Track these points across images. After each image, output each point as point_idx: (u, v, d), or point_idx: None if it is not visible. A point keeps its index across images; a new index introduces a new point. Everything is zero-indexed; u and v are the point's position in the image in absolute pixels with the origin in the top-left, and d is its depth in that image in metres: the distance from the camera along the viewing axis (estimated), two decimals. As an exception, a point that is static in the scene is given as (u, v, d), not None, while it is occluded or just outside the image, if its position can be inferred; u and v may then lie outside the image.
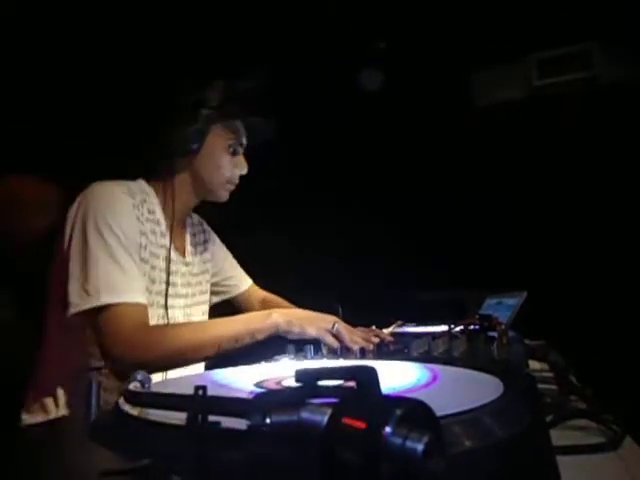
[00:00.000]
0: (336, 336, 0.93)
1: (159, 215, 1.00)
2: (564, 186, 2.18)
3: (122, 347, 0.82)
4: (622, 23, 2.06)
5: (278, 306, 1.18)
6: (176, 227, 1.04)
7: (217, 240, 1.24)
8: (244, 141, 1.06)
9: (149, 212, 0.98)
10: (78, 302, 0.83)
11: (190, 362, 0.89)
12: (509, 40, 2.21)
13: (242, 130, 1.05)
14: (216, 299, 1.24)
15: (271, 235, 2.30)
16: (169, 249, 1.00)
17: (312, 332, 0.92)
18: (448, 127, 2.34)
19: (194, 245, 1.13)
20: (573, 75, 2.23)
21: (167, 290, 0.98)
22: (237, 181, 1.06)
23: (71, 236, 0.88)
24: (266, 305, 1.22)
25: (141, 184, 1.01)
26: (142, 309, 0.87)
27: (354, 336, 0.94)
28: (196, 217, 1.20)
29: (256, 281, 1.32)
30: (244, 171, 1.06)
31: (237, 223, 1.88)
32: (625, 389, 1.12)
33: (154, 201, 1.00)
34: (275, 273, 1.33)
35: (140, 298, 0.87)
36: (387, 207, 2.38)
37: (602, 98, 2.15)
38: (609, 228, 2.04)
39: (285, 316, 0.93)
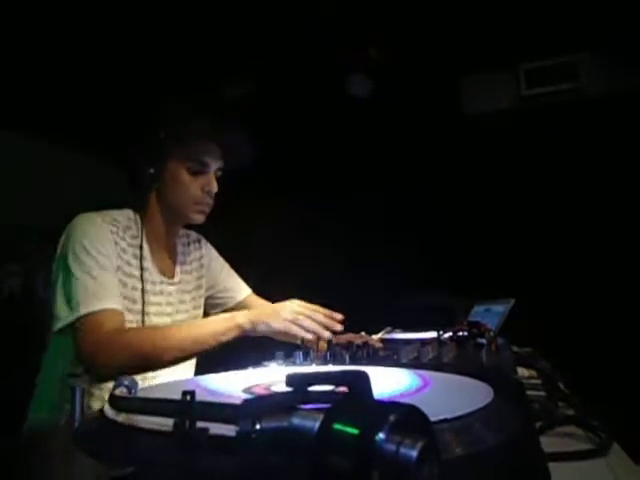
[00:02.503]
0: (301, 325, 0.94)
1: (142, 240, 1.05)
2: (552, 195, 2.21)
3: (94, 350, 0.87)
4: (609, 35, 2.11)
5: None
6: (161, 250, 1.10)
7: (213, 253, 1.27)
8: (209, 161, 1.06)
9: (132, 237, 1.04)
10: (62, 316, 0.90)
11: (158, 364, 0.91)
12: (498, 50, 2.25)
13: (206, 150, 1.05)
14: (214, 311, 1.25)
15: (266, 244, 2.30)
16: (141, 270, 1.03)
17: (277, 326, 0.93)
18: (438, 136, 2.36)
19: (186, 263, 1.17)
20: (560, 86, 2.27)
21: (143, 309, 1.01)
22: (208, 201, 1.08)
23: (58, 263, 0.96)
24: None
25: (128, 213, 1.07)
26: (117, 314, 0.93)
27: (313, 321, 0.94)
28: (194, 235, 1.23)
29: (251, 288, 1.32)
30: (213, 190, 1.07)
31: (234, 232, 1.88)
32: (612, 395, 1.13)
33: (138, 227, 1.06)
34: (267, 281, 1.33)
35: (115, 304, 0.93)
36: (377, 215, 2.39)
37: (588, 109, 2.19)
38: (597, 236, 2.07)
39: (248, 316, 0.94)
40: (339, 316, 1.00)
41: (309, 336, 0.93)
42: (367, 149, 2.41)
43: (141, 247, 1.03)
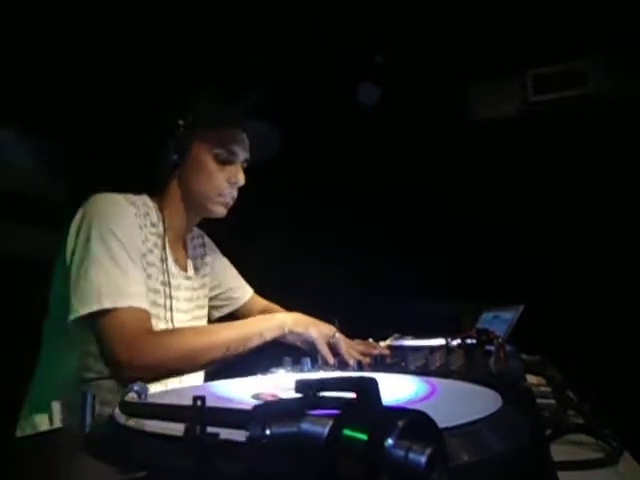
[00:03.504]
0: (332, 347, 0.93)
1: (161, 229, 0.98)
2: (560, 201, 2.20)
3: (127, 351, 0.79)
4: (615, 40, 2.10)
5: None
6: (177, 242, 1.03)
7: (217, 252, 1.22)
8: (238, 151, 1.00)
9: (152, 225, 0.96)
10: (80, 307, 0.81)
11: (197, 366, 0.87)
12: (505, 56, 2.25)
13: (235, 139, 1.00)
14: (218, 314, 1.22)
15: (270, 248, 2.30)
16: (165, 260, 0.98)
17: (314, 334, 0.93)
18: (444, 142, 2.36)
19: (194, 259, 1.11)
20: (568, 92, 2.26)
21: (172, 304, 0.96)
22: (233, 194, 1.01)
23: (75, 245, 0.86)
24: (267, 313, 1.21)
25: (144, 198, 0.99)
26: (145, 314, 0.84)
27: (351, 349, 0.94)
28: (197, 230, 1.16)
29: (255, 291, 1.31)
30: (240, 183, 1.00)
31: (238, 233, 1.89)
32: (623, 403, 1.12)
33: (156, 215, 0.98)
34: (273, 287, 1.32)
35: (143, 303, 0.84)
36: (385, 220, 2.39)
37: (597, 114, 2.18)
38: (606, 242, 2.05)
39: (288, 318, 0.94)
40: (385, 351, 1.00)
41: (331, 361, 0.91)
42: (374, 154, 2.42)
43: (164, 236, 0.95)
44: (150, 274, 0.93)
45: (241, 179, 1.01)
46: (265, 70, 2.21)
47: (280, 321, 0.93)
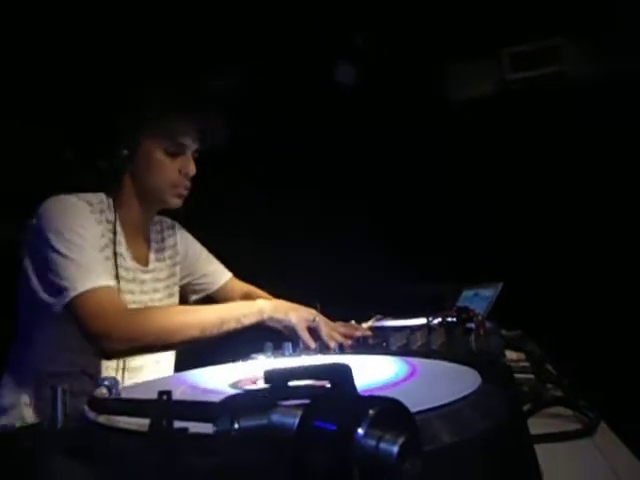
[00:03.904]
0: (313, 331, 0.93)
1: (116, 225, 1.00)
2: (537, 179, 2.22)
3: (105, 324, 0.83)
4: (592, 18, 2.10)
5: (261, 298, 1.18)
6: (135, 237, 1.05)
7: (189, 239, 1.23)
8: (186, 142, 1.02)
9: (107, 222, 0.99)
10: (57, 300, 0.85)
11: (173, 343, 0.89)
12: (482, 35, 2.23)
13: (183, 130, 1.01)
14: (195, 297, 1.23)
15: (251, 227, 2.28)
16: (117, 256, 0.99)
17: (293, 320, 0.93)
18: (422, 122, 2.35)
19: (159, 251, 1.13)
20: (544, 69, 2.26)
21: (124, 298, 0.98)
22: (186, 184, 1.04)
23: (36, 248, 0.90)
24: (248, 297, 1.20)
25: (101, 196, 1.02)
26: (116, 292, 0.90)
27: (333, 332, 0.94)
28: (168, 221, 1.19)
29: (236, 276, 1.30)
30: (191, 173, 1.03)
31: (218, 219, 1.86)
32: (600, 376, 1.15)
33: (111, 211, 1.01)
34: (254, 267, 1.31)
35: (111, 282, 0.89)
36: (365, 202, 2.38)
37: (572, 92, 2.19)
38: (583, 219, 2.08)
39: (269, 304, 0.95)
40: (367, 332, 1.01)
41: (313, 345, 0.92)
42: (354, 135, 2.39)
43: (114, 232, 0.98)
44: (106, 268, 0.95)
45: (192, 169, 1.03)
46: (239, 54, 2.16)
47: (259, 307, 0.93)
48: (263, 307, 0.93)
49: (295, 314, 0.94)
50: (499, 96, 2.38)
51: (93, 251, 0.90)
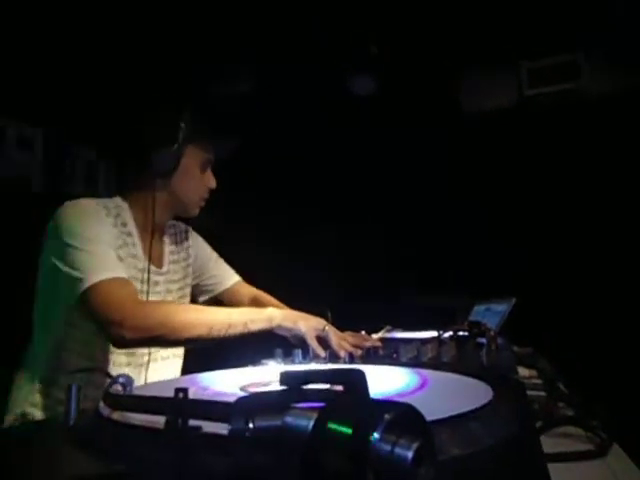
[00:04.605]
0: (323, 340, 0.93)
1: (131, 227, 1.03)
2: (553, 193, 2.20)
3: (120, 312, 0.84)
4: (610, 35, 2.10)
5: (269, 303, 1.20)
6: (150, 238, 1.07)
7: (200, 243, 1.26)
8: (212, 157, 1.09)
9: (121, 225, 1.01)
10: (72, 292, 0.86)
11: (181, 339, 0.89)
12: (501, 48, 2.24)
13: (211, 147, 1.08)
14: (203, 298, 1.25)
15: (262, 239, 2.29)
16: (149, 258, 1.03)
17: (303, 329, 0.93)
18: (438, 133, 2.35)
19: (174, 253, 1.16)
20: (563, 85, 2.25)
21: (148, 290, 1.00)
22: (207, 196, 1.10)
23: (53, 248, 0.92)
24: (256, 302, 1.23)
25: (116, 200, 1.05)
26: (131, 284, 0.91)
27: (342, 341, 0.94)
28: (181, 225, 1.22)
29: (246, 282, 1.31)
30: (213, 186, 1.10)
31: (226, 230, 1.88)
32: (613, 396, 1.13)
33: (127, 215, 1.04)
34: (266, 276, 1.32)
35: (125, 274, 0.91)
36: (377, 214, 2.38)
37: (590, 108, 2.17)
38: (597, 236, 2.06)
39: (279, 312, 0.96)
40: (377, 343, 1.01)
41: (322, 354, 0.92)
42: (367, 146, 2.40)
43: (129, 234, 1.02)
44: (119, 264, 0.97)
45: (214, 183, 1.10)
46: (259, 65, 2.19)
47: (268, 315, 0.94)
48: (273, 315, 0.94)
49: (304, 323, 0.94)
50: (517, 110, 2.37)
51: (108, 247, 0.92)
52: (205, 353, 0.94)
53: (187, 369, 1.12)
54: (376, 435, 0.21)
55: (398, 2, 2.02)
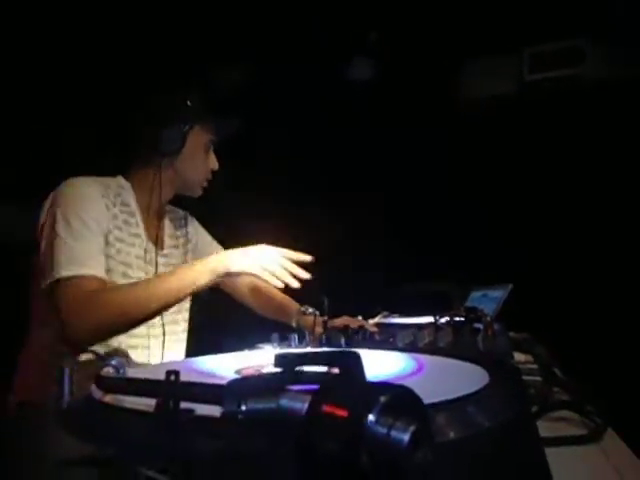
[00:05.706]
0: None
1: (134, 207, 1.04)
2: (551, 180, 2.19)
3: (73, 310, 0.85)
4: (614, 20, 2.06)
5: (267, 290, 1.19)
6: (152, 219, 1.08)
7: (199, 228, 1.26)
8: (214, 138, 1.10)
9: (122, 204, 1.01)
10: (44, 279, 0.88)
11: (134, 320, 0.90)
12: (502, 33, 2.20)
13: (215, 129, 1.09)
14: None
15: (258, 223, 2.28)
16: (154, 238, 1.03)
17: (248, 267, 0.93)
18: (438, 120, 2.32)
19: (173, 237, 1.16)
20: (565, 71, 2.22)
21: (149, 271, 1.01)
22: (210, 177, 1.12)
23: (43, 226, 0.93)
24: (256, 289, 1.22)
25: (119, 180, 1.05)
26: (99, 281, 0.90)
27: (283, 272, 0.94)
28: (180, 212, 1.22)
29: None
30: (216, 167, 1.11)
31: (223, 213, 1.87)
32: (608, 381, 1.14)
33: (130, 195, 1.04)
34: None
35: (97, 272, 0.90)
36: (377, 201, 2.37)
37: (592, 95, 2.15)
38: (594, 222, 2.06)
39: (219, 259, 0.94)
40: (308, 258, 1.01)
41: (279, 284, 0.94)
42: (365, 143, 2.38)
43: (135, 214, 1.03)
44: (120, 249, 0.98)
45: (217, 164, 1.12)
46: (258, 53, 2.16)
47: (211, 265, 0.92)
48: (215, 264, 0.92)
49: (247, 261, 0.93)
50: (517, 96, 2.34)
51: (94, 237, 0.92)
52: (200, 338, 0.94)
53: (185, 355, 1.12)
54: (372, 417, 0.21)
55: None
